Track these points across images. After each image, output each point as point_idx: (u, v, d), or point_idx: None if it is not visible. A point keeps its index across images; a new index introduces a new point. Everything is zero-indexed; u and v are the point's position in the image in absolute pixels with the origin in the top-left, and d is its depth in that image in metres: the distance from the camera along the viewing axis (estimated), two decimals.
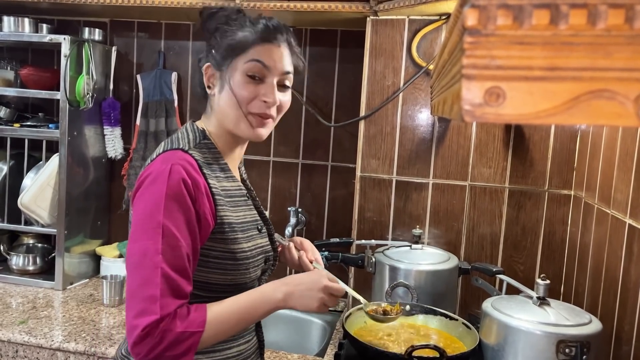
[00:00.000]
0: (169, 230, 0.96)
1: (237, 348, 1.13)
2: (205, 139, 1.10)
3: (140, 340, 0.93)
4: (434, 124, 1.87)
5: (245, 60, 1.06)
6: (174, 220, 0.97)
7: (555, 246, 1.82)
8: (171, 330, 0.94)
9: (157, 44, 2.32)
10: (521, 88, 0.42)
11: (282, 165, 2.25)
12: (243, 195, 1.14)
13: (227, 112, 1.08)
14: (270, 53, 1.06)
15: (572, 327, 1.19)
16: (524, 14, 0.40)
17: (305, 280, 1.06)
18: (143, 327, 0.93)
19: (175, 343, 0.94)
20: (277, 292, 1.04)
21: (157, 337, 0.93)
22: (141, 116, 2.28)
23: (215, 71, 1.10)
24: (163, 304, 0.94)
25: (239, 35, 1.07)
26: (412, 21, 1.85)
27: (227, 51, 1.07)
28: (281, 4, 1.85)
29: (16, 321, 1.78)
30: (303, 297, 1.04)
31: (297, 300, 1.04)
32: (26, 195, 2.07)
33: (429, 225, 1.90)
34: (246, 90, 1.06)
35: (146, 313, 0.93)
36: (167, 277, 0.95)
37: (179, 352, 0.95)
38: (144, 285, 0.95)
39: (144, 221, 0.98)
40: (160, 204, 0.97)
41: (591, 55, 0.41)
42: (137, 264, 0.97)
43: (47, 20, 2.29)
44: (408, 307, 1.47)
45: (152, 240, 0.96)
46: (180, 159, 1.01)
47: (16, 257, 2.20)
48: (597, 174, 1.53)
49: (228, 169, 1.12)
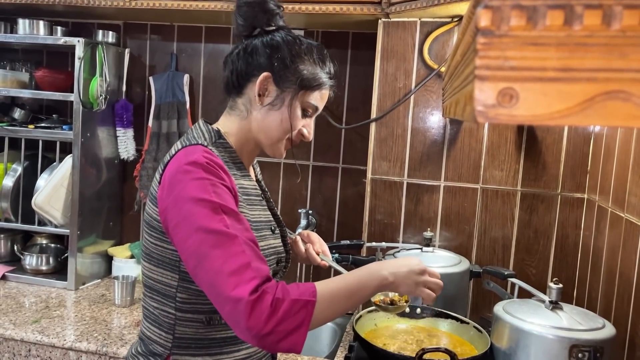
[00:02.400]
0: (227, 207, 0.96)
1: (247, 350, 1.12)
2: (220, 139, 1.10)
3: (252, 309, 0.87)
4: (446, 126, 1.87)
5: (308, 100, 1.10)
6: (224, 199, 0.97)
7: (568, 250, 1.80)
8: (284, 298, 0.90)
9: (170, 46, 2.33)
10: (535, 89, 0.41)
11: (293, 167, 2.26)
12: (258, 195, 1.15)
13: (272, 129, 1.10)
14: (324, 95, 1.14)
15: (585, 332, 1.18)
16: (538, 14, 0.40)
17: (406, 262, 1.06)
18: (249, 293, 0.88)
19: (289, 313, 0.90)
20: (383, 270, 1.02)
21: (272, 307, 0.88)
22: (153, 118, 2.30)
23: (273, 86, 1.09)
24: (257, 268, 0.91)
25: (316, 73, 1.10)
26: (423, 23, 1.85)
27: (299, 81, 1.09)
28: (293, 6, 1.86)
29: (29, 320, 1.80)
30: (406, 278, 1.03)
31: (401, 280, 1.03)
32: (40, 195, 2.09)
33: (440, 228, 1.89)
34: (299, 123, 1.12)
35: (243, 282, 0.89)
36: (248, 245, 0.94)
37: (293, 326, 0.90)
38: (229, 260, 0.91)
39: (195, 209, 0.95)
40: (206, 188, 0.96)
41: (606, 56, 0.40)
42: (211, 246, 0.92)
43: (62, 22, 2.32)
44: (419, 310, 1.47)
45: (214, 220, 0.93)
46: (203, 151, 1.01)
47: (30, 257, 2.22)
48: (611, 177, 1.51)
49: (244, 168, 1.13)
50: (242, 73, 1.11)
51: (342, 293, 0.98)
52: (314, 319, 0.92)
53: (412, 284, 1.04)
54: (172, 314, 1.07)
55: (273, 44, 1.09)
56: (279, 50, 1.09)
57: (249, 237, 0.96)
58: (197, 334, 1.08)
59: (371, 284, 1.01)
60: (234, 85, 1.13)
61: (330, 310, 0.96)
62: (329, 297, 0.95)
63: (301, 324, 0.91)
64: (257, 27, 1.11)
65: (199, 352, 1.08)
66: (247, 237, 0.95)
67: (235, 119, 1.13)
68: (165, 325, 1.08)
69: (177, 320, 1.07)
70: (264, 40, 1.10)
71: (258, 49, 1.10)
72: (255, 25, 1.11)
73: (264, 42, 1.10)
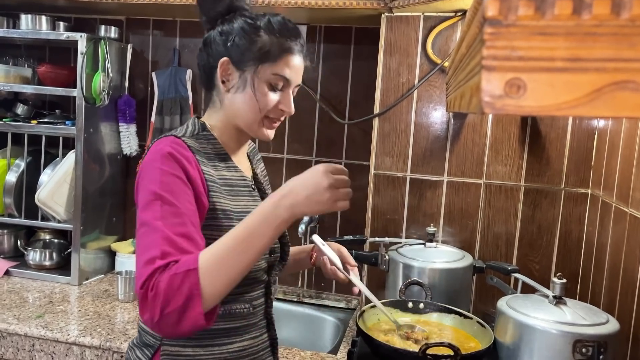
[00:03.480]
0: (167, 200, 0.95)
1: (241, 343, 1.11)
2: (204, 131, 1.12)
3: (141, 302, 0.87)
4: (449, 121, 1.86)
5: (272, 72, 1.08)
6: (170, 191, 0.96)
7: (571, 245, 1.80)
8: (163, 279, 0.86)
9: (172, 41, 2.33)
10: (542, 79, 0.41)
11: (295, 163, 2.25)
12: (246, 187, 1.15)
13: (243, 111, 1.10)
14: (294, 67, 1.10)
15: (589, 327, 1.17)
16: (546, 4, 0.40)
17: (307, 183, 0.93)
18: (140, 287, 0.87)
19: (171, 290, 0.85)
20: (279, 208, 0.92)
21: (152, 291, 0.86)
22: (156, 113, 2.30)
23: (233, 69, 1.09)
24: (162, 260, 0.89)
25: (267, 43, 1.07)
26: (427, 18, 1.84)
27: (254, 56, 1.08)
28: (296, 1, 1.85)
29: (33, 315, 1.81)
30: (310, 202, 0.92)
31: (304, 208, 0.92)
32: (43, 191, 2.09)
33: (443, 223, 1.88)
34: (269, 99, 1.09)
35: (141, 276, 0.88)
36: (167, 238, 0.91)
37: (181, 302, 0.85)
38: (144, 253, 0.91)
39: (143, 199, 0.98)
40: (155, 179, 0.97)
41: (615, 45, 0.40)
42: (139, 238, 0.94)
43: (64, 18, 2.31)
44: (422, 305, 1.46)
45: (147, 211, 0.95)
46: (172, 142, 1.03)
47: (33, 252, 2.23)
48: (615, 172, 1.51)
49: (229, 159, 1.13)
50: (206, 66, 1.13)
51: (232, 246, 0.90)
52: (206, 285, 0.86)
53: (317, 207, 0.92)
54: None
55: (227, 29, 1.10)
56: (233, 32, 1.09)
57: (179, 230, 0.93)
58: None
59: (268, 228, 0.91)
60: (204, 79, 1.15)
61: (224, 270, 0.88)
62: (216, 257, 0.89)
63: (190, 296, 0.85)
64: (218, 17, 1.13)
65: (190, 343, 1.08)
66: (176, 231, 0.92)
67: (213, 112, 1.15)
68: None
69: None
70: (220, 28, 1.11)
71: (215, 38, 1.12)
72: (216, 16, 1.13)
73: (220, 30, 1.11)
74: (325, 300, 2.22)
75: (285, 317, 2.14)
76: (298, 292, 2.25)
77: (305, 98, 2.17)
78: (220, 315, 1.08)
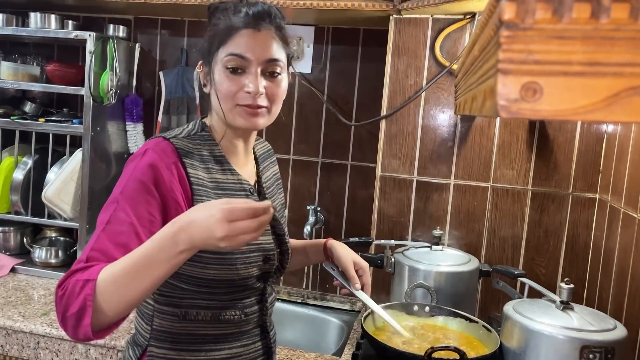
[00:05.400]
0: (121, 205, 0.94)
1: (230, 350, 1.10)
2: (203, 131, 1.11)
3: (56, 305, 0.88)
4: (457, 124, 1.85)
5: (225, 54, 1.03)
6: (130, 199, 0.95)
7: (578, 250, 1.79)
8: (70, 282, 0.86)
9: (180, 41, 2.33)
10: (559, 83, 0.41)
11: (301, 164, 2.25)
12: (244, 191, 1.12)
13: (216, 105, 1.08)
14: (249, 41, 1.02)
15: (597, 333, 1.17)
16: (564, 7, 0.39)
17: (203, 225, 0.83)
18: (58, 285, 0.89)
19: (72, 296, 0.84)
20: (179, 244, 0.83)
21: (62, 291, 0.86)
22: (163, 113, 2.30)
23: (206, 68, 1.09)
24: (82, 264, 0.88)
25: (221, 25, 1.05)
26: (435, 20, 1.84)
27: (211, 44, 1.06)
28: (304, 2, 1.85)
29: (38, 313, 1.81)
30: (208, 245, 0.84)
31: (203, 246, 0.85)
32: (50, 189, 2.10)
33: (450, 226, 1.88)
34: (227, 84, 1.03)
35: (65, 274, 0.89)
36: (101, 244, 0.91)
37: (77, 309, 0.83)
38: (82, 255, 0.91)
39: (108, 199, 0.98)
40: (122, 182, 0.98)
41: (633, 50, 0.40)
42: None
43: (73, 17, 2.32)
44: (427, 308, 1.46)
45: (105, 213, 0.95)
46: (156, 145, 1.02)
47: (39, 250, 2.23)
48: (624, 177, 1.50)
49: (226, 162, 1.10)
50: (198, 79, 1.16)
51: (128, 270, 0.84)
52: (101, 300, 0.82)
53: (218, 245, 0.83)
54: (151, 305, 1.08)
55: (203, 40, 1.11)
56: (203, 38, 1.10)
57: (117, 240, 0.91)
58: (172, 327, 1.07)
59: (164, 266, 0.84)
60: (202, 91, 1.18)
61: (121, 290, 0.83)
62: (112, 275, 0.84)
63: (84, 306, 0.82)
64: None
65: (176, 346, 1.07)
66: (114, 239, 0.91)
67: (212, 114, 1.15)
68: (146, 316, 1.09)
69: (155, 312, 1.08)
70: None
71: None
72: None
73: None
74: (330, 302, 2.21)
75: (289, 318, 2.14)
76: (302, 293, 2.25)
77: (312, 99, 2.17)
78: (209, 320, 1.07)
